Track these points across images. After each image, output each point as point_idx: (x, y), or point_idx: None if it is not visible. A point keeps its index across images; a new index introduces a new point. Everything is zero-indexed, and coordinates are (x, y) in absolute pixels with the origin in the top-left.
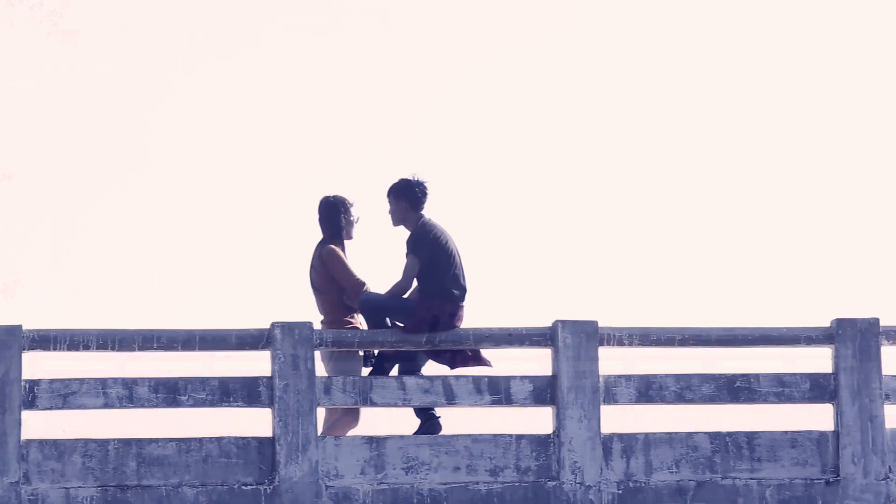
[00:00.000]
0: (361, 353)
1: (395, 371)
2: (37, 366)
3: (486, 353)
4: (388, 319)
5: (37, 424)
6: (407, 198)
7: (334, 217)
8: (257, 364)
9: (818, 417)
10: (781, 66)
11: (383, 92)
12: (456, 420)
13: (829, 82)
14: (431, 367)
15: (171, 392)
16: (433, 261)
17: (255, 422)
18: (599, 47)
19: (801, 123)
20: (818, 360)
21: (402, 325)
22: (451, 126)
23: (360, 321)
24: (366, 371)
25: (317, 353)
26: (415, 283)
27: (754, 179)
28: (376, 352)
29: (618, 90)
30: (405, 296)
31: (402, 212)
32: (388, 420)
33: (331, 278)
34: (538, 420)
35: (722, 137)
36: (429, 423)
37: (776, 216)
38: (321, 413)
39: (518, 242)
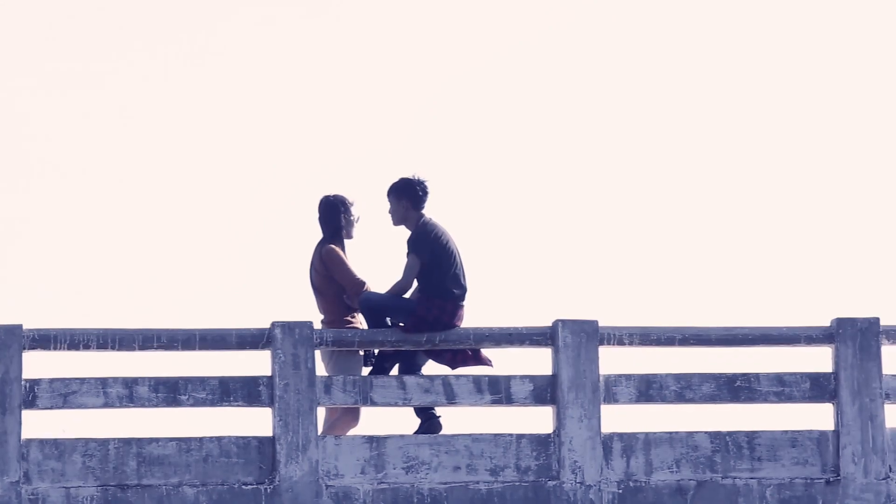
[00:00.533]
0: (361, 353)
1: (395, 370)
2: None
3: (486, 352)
4: (388, 319)
5: (38, 424)
6: (408, 196)
7: (334, 216)
8: (257, 363)
9: (818, 417)
10: (781, 66)
11: (383, 91)
12: (456, 419)
13: (829, 82)
14: (432, 367)
15: (171, 391)
16: (434, 260)
17: (255, 422)
18: (599, 47)
19: (801, 123)
20: (817, 359)
21: (402, 324)
22: (451, 126)
23: (360, 321)
24: (366, 370)
25: (317, 353)
26: (415, 283)
27: (754, 179)
28: (376, 351)
29: (618, 90)
30: (405, 295)
31: (403, 211)
32: (389, 419)
33: (331, 278)
34: (538, 419)
35: (722, 137)
36: (429, 422)
37: (776, 216)
38: (321, 412)
39: (518, 242)
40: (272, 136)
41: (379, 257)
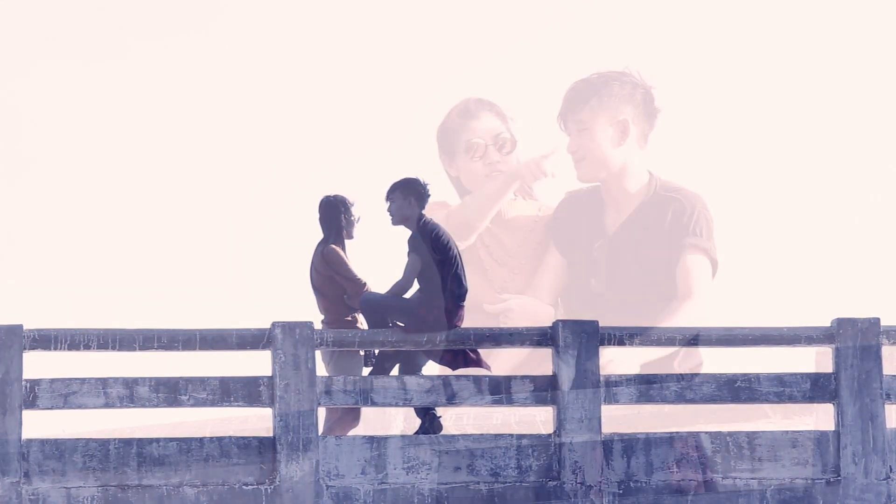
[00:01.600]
0: (362, 353)
1: (395, 371)
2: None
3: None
4: (388, 319)
5: (38, 424)
6: (416, 194)
7: (335, 216)
8: (258, 363)
9: (819, 417)
10: (781, 65)
11: (383, 91)
12: (457, 419)
13: (829, 82)
14: (432, 367)
15: (171, 392)
16: (435, 260)
17: (254, 422)
18: (599, 47)
19: (801, 123)
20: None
21: (402, 324)
22: None
23: (360, 321)
24: (366, 371)
25: (317, 353)
26: (416, 283)
27: (753, 179)
28: (377, 351)
29: None
30: (406, 295)
31: (410, 208)
32: (389, 419)
33: (331, 278)
34: (538, 419)
35: (721, 137)
36: (430, 422)
37: (777, 217)
38: (322, 413)
39: None
40: (272, 136)
41: (379, 257)
